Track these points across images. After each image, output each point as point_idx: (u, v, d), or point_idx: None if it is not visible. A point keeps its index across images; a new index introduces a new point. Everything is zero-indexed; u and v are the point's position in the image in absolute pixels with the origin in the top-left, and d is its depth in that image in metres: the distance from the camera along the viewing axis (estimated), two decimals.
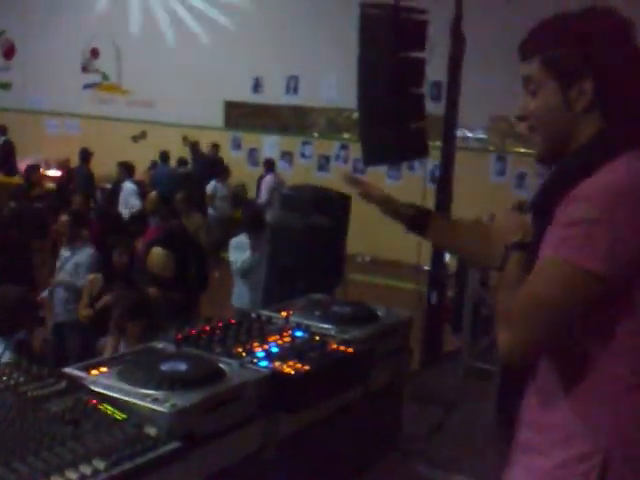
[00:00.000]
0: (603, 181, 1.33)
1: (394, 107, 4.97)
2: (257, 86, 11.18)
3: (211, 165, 10.31)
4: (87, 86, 12.67)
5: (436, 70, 5.14)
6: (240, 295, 5.78)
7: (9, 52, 13.31)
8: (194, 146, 10.59)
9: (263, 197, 9.52)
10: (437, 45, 4.98)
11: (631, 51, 1.43)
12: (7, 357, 1.63)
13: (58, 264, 5.44)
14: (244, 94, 11.19)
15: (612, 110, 1.41)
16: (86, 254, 5.38)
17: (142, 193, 8.82)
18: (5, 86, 13.41)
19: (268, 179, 9.78)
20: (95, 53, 12.51)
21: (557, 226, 1.34)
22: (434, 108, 6.18)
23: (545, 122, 1.46)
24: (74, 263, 5.32)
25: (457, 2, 5.05)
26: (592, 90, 1.40)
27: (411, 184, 9.19)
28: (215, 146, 10.75)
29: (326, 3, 10.14)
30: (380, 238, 9.58)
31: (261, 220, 5.88)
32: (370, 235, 8.94)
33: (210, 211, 9.33)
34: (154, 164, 10.43)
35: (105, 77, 12.57)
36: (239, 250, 5.70)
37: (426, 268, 5.61)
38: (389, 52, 4.93)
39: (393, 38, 4.87)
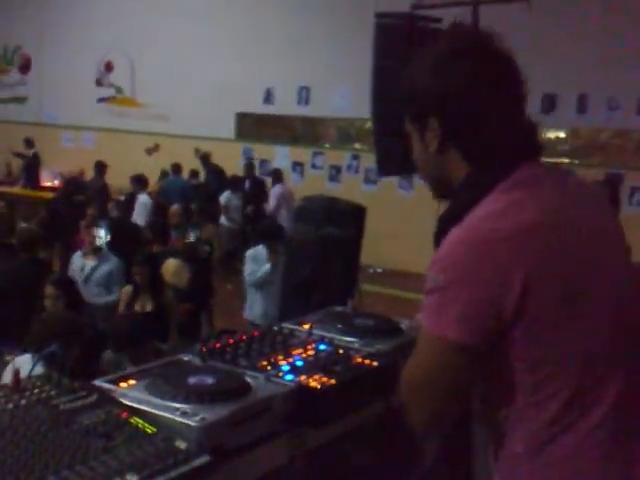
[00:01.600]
0: (447, 239, 1.30)
1: None
2: (268, 97, 11.24)
3: (223, 176, 10.37)
4: (101, 99, 12.79)
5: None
6: (253, 307, 5.79)
7: (25, 67, 13.47)
8: (205, 157, 10.64)
9: (272, 207, 9.54)
10: None
11: (473, 79, 1.33)
12: (38, 370, 1.64)
13: (81, 275, 5.44)
14: (255, 105, 11.26)
15: (466, 151, 1.37)
16: (116, 263, 5.44)
17: (153, 204, 8.90)
18: (21, 100, 13.56)
19: (276, 189, 9.80)
20: (109, 67, 12.64)
21: (424, 293, 1.34)
22: None
23: (419, 167, 1.50)
24: (107, 272, 5.35)
25: (473, 10, 5.06)
26: (439, 131, 1.37)
27: (423, 195, 9.17)
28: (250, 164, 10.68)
29: (338, 13, 10.20)
30: (392, 249, 9.60)
31: (277, 231, 5.90)
32: (382, 246, 8.95)
33: (223, 222, 9.37)
34: (164, 174, 10.50)
35: (119, 90, 12.69)
36: (255, 261, 5.71)
37: None
38: (404, 61, 4.95)
39: (408, 48, 4.89)
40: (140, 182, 9.28)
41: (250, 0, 11.14)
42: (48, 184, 11.34)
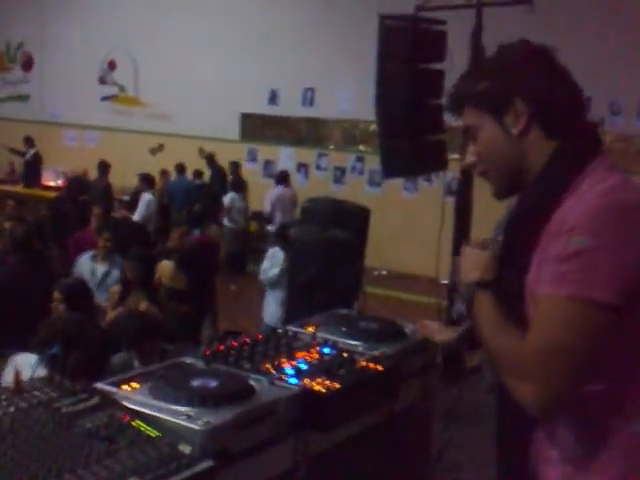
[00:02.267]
0: (586, 206, 1.30)
1: (412, 119, 4.97)
2: (273, 98, 11.23)
3: (226, 177, 10.35)
4: (105, 98, 12.78)
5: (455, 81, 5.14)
6: (266, 308, 5.82)
7: (28, 64, 13.46)
8: (210, 158, 10.63)
9: (267, 210, 9.42)
10: (456, 56, 4.99)
11: (548, 69, 1.43)
12: (40, 372, 1.63)
13: (92, 279, 5.38)
14: (260, 106, 11.24)
15: (552, 126, 1.41)
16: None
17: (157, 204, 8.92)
18: (24, 98, 13.56)
19: (272, 193, 9.61)
20: (112, 65, 12.63)
21: (551, 262, 1.29)
22: (452, 119, 6.19)
23: (493, 158, 1.46)
24: (119, 277, 5.31)
25: (477, 13, 5.05)
26: (525, 110, 1.40)
27: (428, 196, 9.18)
28: (234, 164, 10.69)
29: (343, 15, 10.19)
30: (396, 251, 9.56)
31: (285, 234, 5.91)
32: (386, 248, 8.92)
33: (226, 223, 9.35)
34: (164, 172, 10.47)
35: (122, 89, 12.68)
36: (271, 260, 5.74)
37: (444, 282, 5.58)
38: (408, 63, 4.94)
39: (412, 49, 4.88)
40: (147, 181, 9.27)
41: (255, 1, 11.13)
42: (51, 183, 11.34)
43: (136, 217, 8.56)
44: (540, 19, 5.75)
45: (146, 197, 8.95)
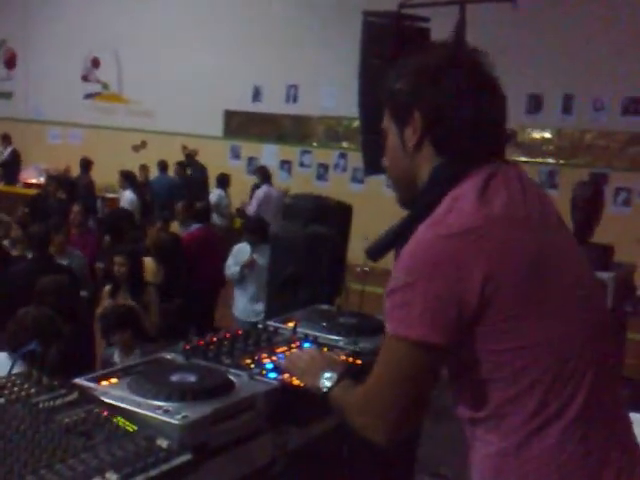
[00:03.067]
0: (412, 240, 1.30)
1: None
2: (257, 95, 11.21)
3: (207, 175, 10.29)
4: (88, 96, 12.69)
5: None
6: (236, 303, 5.82)
7: (11, 61, 13.33)
8: (190, 156, 10.54)
9: (252, 209, 9.31)
10: None
11: (462, 82, 1.37)
12: (18, 368, 1.63)
13: None
14: (243, 103, 11.22)
15: (441, 145, 1.38)
16: (79, 260, 5.38)
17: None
18: (7, 95, 13.43)
19: (260, 192, 9.52)
20: (96, 63, 12.55)
21: (385, 296, 1.32)
22: None
23: (390, 167, 1.47)
24: (77, 269, 5.29)
25: (460, 9, 5.06)
26: (420, 125, 1.37)
27: None
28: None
29: (326, 12, 10.19)
30: None
31: (260, 228, 5.91)
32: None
33: (215, 220, 9.28)
34: (143, 167, 10.40)
35: (105, 87, 12.60)
36: (234, 257, 5.75)
37: None
38: (391, 60, 4.96)
39: (395, 46, 4.89)
40: (127, 178, 9.21)
41: None
42: (33, 181, 11.24)
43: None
44: (523, 16, 5.80)
45: (127, 195, 8.89)
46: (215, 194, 9.52)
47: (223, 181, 9.76)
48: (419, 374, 1.29)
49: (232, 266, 5.73)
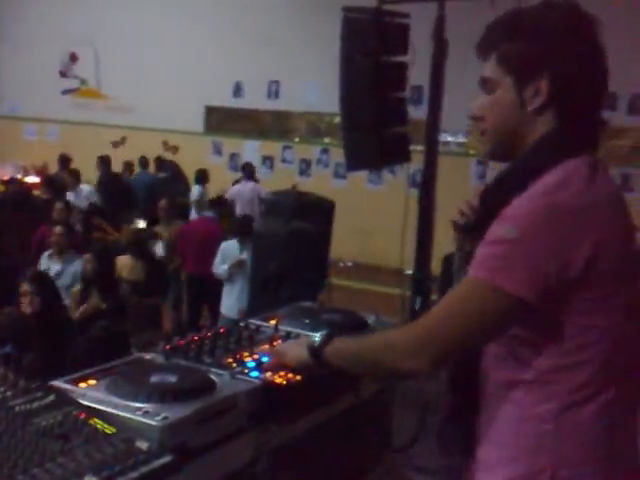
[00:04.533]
0: (527, 197, 1.31)
1: (376, 111, 4.99)
2: (238, 91, 11.16)
3: (180, 171, 10.22)
4: (66, 91, 12.56)
5: (418, 74, 5.17)
6: (224, 300, 5.81)
7: None
8: (160, 159, 10.45)
9: (241, 209, 9.20)
10: (419, 49, 5.01)
11: (590, 50, 1.37)
12: None
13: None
14: (224, 99, 11.17)
15: (566, 113, 1.37)
16: (79, 265, 5.29)
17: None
18: None
19: (233, 188, 9.42)
20: (74, 58, 12.41)
21: (482, 243, 1.33)
22: (416, 112, 6.22)
23: (496, 120, 1.42)
24: (72, 275, 5.21)
25: (439, 6, 5.08)
26: (548, 89, 1.35)
27: (392, 189, 9.23)
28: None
29: (308, 8, 10.16)
30: (361, 243, 9.61)
31: (249, 226, 5.89)
32: (352, 240, 8.95)
33: (195, 216, 9.21)
34: (127, 165, 10.31)
35: (84, 82, 12.47)
36: (222, 255, 5.74)
37: (409, 272, 5.63)
38: (371, 56, 4.96)
39: (375, 42, 4.90)
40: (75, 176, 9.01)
41: None
42: (8, 177, 11.09)
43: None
44: (502, 11, 5.82)
45: (85, 190, 8.73)
46: (195, 190, 9.45)
47: (202, 177, 9.69)
48: (494, 322, 1.31)
49: (220, 265, 5.71)
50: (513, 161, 1.43)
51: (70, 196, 8.38)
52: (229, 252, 5.73)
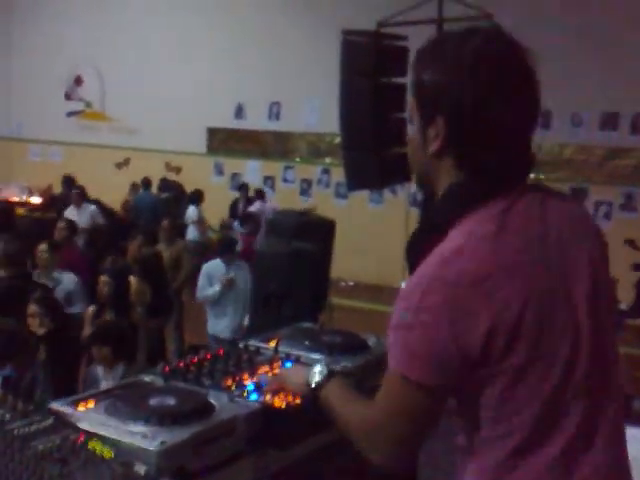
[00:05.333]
0: (419, 274, 1.23)
1: (376, 132, 5.02)
2: (239, 112, 11.24)
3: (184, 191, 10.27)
4: (71, 113, 12.66)
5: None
6: (210, 322, 5.78)
7: None
8: (164, 180, 10.52)
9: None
10: None
11: (503, 83, 1.20)
12: None
13: None
14: (226, 120, 11.24)
15: (464, 160, 1.25)
16: (72, 281, 5.27)
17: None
18: None
19: (254, 207, 9.48)
20: (79, 81, 12.53)
21: (388, 329, 1.28)
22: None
23: (410, 157, 1.37)
24: (65, 293, 5.18)
25: (438, 28, 5.13)
26: (444, 133, 1.23)
27: (393, 208, 9.25)
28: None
29: (308, 30, 10.26)
30: (362, 262, 9.60)
31: (232, 244, 5.90)
32: (353, 259, 8.95)
33: (194, 237, 9.25)
34: (134, 186, 10.37)
35: (88, 105, 12.58)
36: (207, 277, 5.69)
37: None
38: (370, 78, 5.00)
39: (374, 64, 4.94)
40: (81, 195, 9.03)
41: (220, 16, 11.14)
42: (15, 199, 11.16)
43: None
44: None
45: (90, 208, 8.76)
46: (192, 211, 9.45)
47: (197, 197, 9.73)
48: (419, 413, 1.27)
49: (207, 287, 5.64)
50: (423, 218, 1.41)
51: (73, 212, 8.43)
52: (214, 273, 5.68)
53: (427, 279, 1.21)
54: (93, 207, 8.77)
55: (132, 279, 5.40)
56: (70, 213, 8.47)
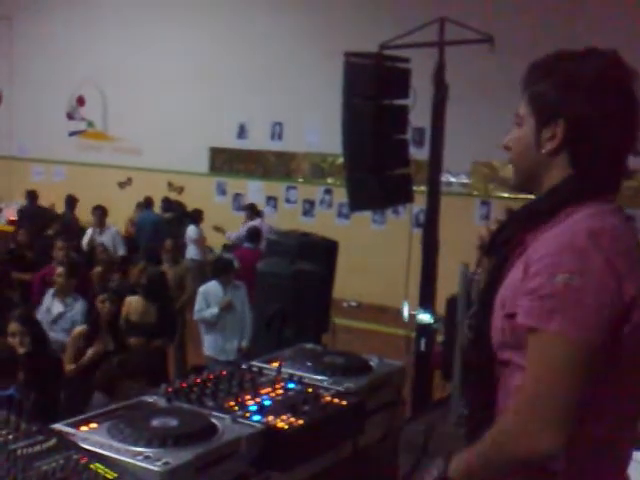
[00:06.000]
0: (569, 243, 1.32)
1: (378, 153, 5.04)
2: (242, 132, 11.29)
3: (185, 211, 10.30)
4: (73, 133, 12.72)
5: (419, 116, 5.23)
6: (206, 343, 5.75)
7: None
8: (167, 200, 10.55)
9: (233, 236, 9.27)
10: (420, 91, 5.08)
11: (618, 103, 1.38)
12: None
13: (47, 318, 5.23)
14: (229, 140, 11.29)
15: (579, 159, 1.40)
16: (80, 309, 5.24)
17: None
18: None
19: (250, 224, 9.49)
20: (81, 101, 12.61)
21: (534, 296, 1.31)
22: (417, 153, 6.28)
23: (517, 156, 1.48)
24: (71, 319, 5.17)
25: (439, 51, 5.17)
26: (562, 135, 1.39)
27: (396, 229, 9.25)
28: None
29: (310, 51, 10.33)
30: (365, 283, 9.59)
31: (229, 265, 5.90)
32: (355, 280, 8.94)
33: (195, 256, 9.25)
34: (140, 206, 10.39)
35: (90, 124, 12.64)
36: (205, 298, 5.67)
37: (413, 313, 5.60)
38: (372, 99, 5.03)
39: (376, 86, 4.97)
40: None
41: (223, 36, 11.23)
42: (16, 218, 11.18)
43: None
44: (501, 57, 5.92)
45: (112, 230, 8.80)
46: (193, 230, 9.44)
47: (197, 217, 9.74)
48: (587, 372, 1.29)
49: (204, 309, 5.62)
50: (528, 203, 1.48)
51: (96, 232, 8.47)
52: (212, 295, 5.68)
53: (581, 246, 1.31)
54: (115, 229, 8.80)
55: (133, 299, 5.39)
56: (92, 233, 8.53)
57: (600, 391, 1.32)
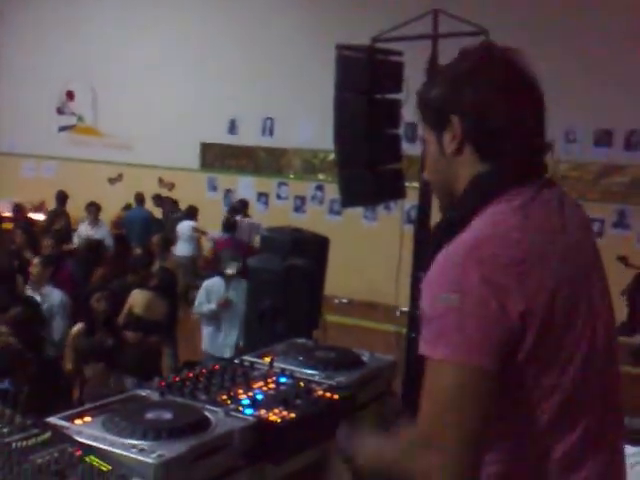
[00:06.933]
0: (450, 257, 1.25)
1: (370, 148, 5.04)
2: (233, 128, 11.28)
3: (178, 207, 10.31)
4: (62, 128, 12.67)
5: (412, 111, 5.24)
6: (206, 338, 5.77)
7: None
8: (158, 197, 10.55)
9: (212, 236, 9.33)
10: (413, 86, 5.08)
11: (504, 83, 1.33)
12: None
13: None
14: (220, 136, 11.28)
15: (485, 151, 1.34)
16: (57, 300, 5.24)
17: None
18: None
19: (244, 224, 9.51)
20: (71, 95, 12.55)
21: (424, 317, 1.25)
22: (410, 149, 6.30)
23: (431, 175, 1.45)
24: (48, 312, 5.16)
25: (433, 44, 5.16)
26: (460, 130, 1.34)
27: (388, 225, 9.28)
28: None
29: (302, 45, 10.33)
30: (357, 279, 9.62)
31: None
32: (347, 276, 8.96)
33: (187, 252, 9.26)
34: (128, 206, 10.40)
35: (81, 119, 12.59)
36: (207, 294, 5.71)
37: (404, 309, 5.63)
38: (365, 94, 5.03)
39: (369, 80, 4.97)
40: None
41: (214, 31, 11.22)
42: (7, 214, 11.14)
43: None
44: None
45: (103, 228, 8.81)
46: (186, 225, 9.47)
47: (192, 213, 9.76)
48: (478, 400, 1.21)
49: (204, 304, 5.66)
50: (448, 209, 1.42)
51: (88, 228, 8.45)
52: (214, 290, 5.70)
53: (462, 260, 1.22)
54: (106, 226, 8.81)
55: (140, 294, 5.38)
56: (85, 229, 8.51)
57: (537, 413, 1.26)
